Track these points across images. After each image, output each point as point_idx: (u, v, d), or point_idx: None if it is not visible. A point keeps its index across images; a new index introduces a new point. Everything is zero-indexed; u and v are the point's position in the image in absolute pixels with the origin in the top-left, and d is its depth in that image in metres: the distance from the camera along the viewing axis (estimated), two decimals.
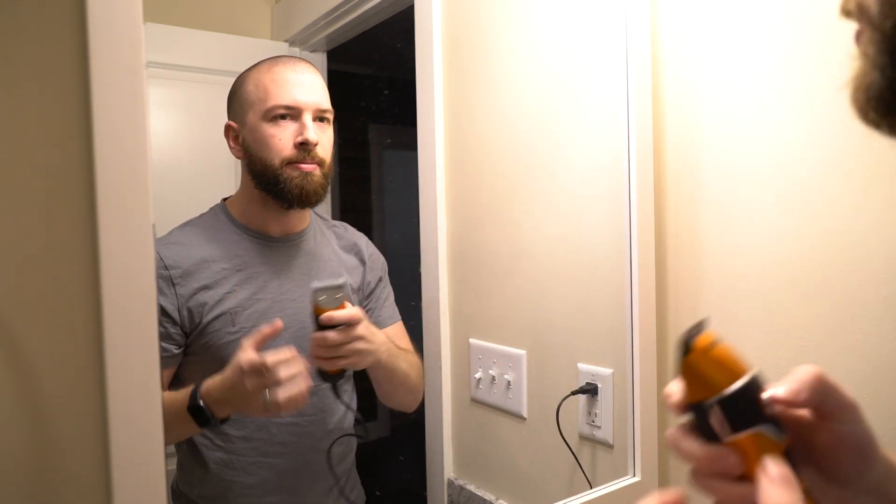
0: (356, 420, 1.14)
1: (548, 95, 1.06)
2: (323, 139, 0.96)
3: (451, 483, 1.21)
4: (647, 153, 0.93)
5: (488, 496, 1.15)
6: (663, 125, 0.96)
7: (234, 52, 1.55)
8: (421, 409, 1.25)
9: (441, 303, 1.20)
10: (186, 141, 1.48)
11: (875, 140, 0.76)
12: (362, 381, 1.16)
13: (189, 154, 1.47)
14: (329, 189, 0.99)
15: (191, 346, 0.94)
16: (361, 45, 1.69)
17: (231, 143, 0.98)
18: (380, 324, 1.09)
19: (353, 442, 1.11)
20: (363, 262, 1.10)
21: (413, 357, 1.07)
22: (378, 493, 1.17)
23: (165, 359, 0.91)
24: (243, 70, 1.00)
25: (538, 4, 1.06)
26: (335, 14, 1.46)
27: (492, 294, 1.15)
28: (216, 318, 0.92)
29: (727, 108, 0.88)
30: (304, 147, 0.93)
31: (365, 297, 1.09)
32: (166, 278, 0.91)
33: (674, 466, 0.97)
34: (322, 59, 1.70)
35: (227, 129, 0.98)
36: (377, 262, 1.12)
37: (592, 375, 1.01)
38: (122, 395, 0.45)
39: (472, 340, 1.18)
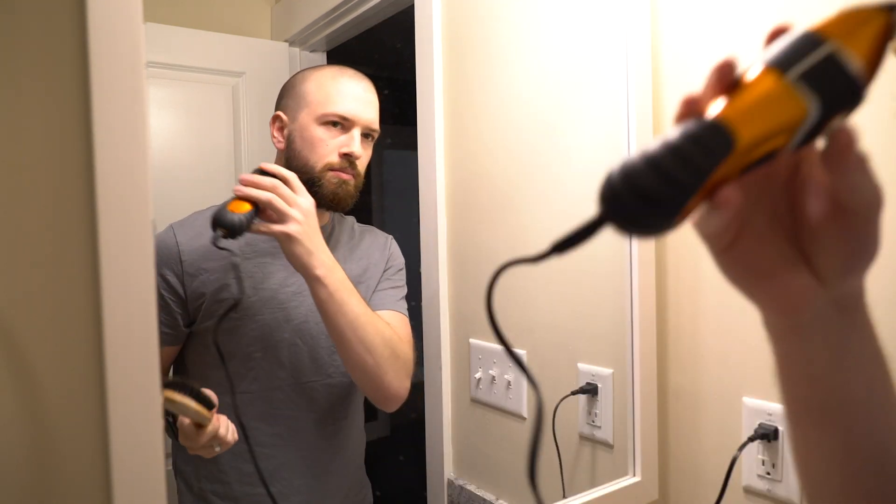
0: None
1: (548, 95, 1.06)
2: (364, 155, 0.99)
3: (451, 483, 1.21)
4: None
5: (488, 496, 1.15)
6: (664, 124, 0.96)
7: (234, 52, 1.56)
8: (421, 409, 1.25)
9: (441, 303, 1.20)
10: (186, 141, 1.48)
11: (875, 140, 0.76)
12: None
13: (189, 154, 1.48)
14: (359, 190, 1.02)
15: (195, 327, 0.95)
16: (361, 45, 1.69)
17: (275, 132, 1.00)
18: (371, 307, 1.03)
19: (361, 440, 1.11)
20: (374, 264, 1.08)
21: (390, 331, 0.94)
22: (378, 493, 1.17)
23: (166, 335, 0.93)
24: (303, 70, 1.04)
25: (538, 4, 1.06)
26: (335, 14, 1.46)
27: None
28: (218, 302, 0.93)
29: None
30: (348, 158, 0.96)
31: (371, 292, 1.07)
32: (176, 255, 0.92)
33: (674, 466, 0.97)
34: (322, 59, 1.70)
35: (275, 118, 1.00)
36: (394, 260, 1.12)
37: (592, 375, 1.01)
38: (122, 395, 0.45)
39: (472, 340, 1.18)
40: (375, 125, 1.00)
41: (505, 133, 1.12)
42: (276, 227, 0.84)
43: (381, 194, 3.43)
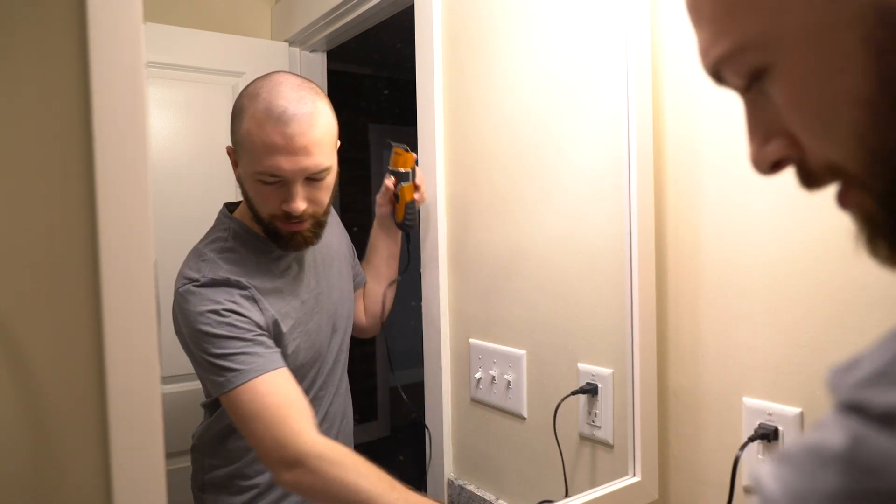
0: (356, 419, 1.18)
1: (548, 95, 1.06)
2: (316, 196, 0.92)
3: (451, 483, 1.21)
4: (647, 153, 0.93)
5: (488, 496, 1.15)
6: (663, 125, 0.96)
7: (234, 52, 1.56)
8: (421, 409, 1.25)
9: (441, 303, 1.20)
10: (186, 141, 1.48)
11: None
12: (361, 381, 1.16)
13: (189, 154, 1.48)
14: (326, 222, 0.99)
15: None
16: (361, 45, 1.69)
17: (232, 164, 0.96)
18: (362, 281, 1.25)
19: (349, 433, 1.13)
20: (343, 228, 1.22)
21: None
22: None
23: (283, 357, 0.92)
24: (248, 76, 1.01)
25: (539, 4, 1.06)
26: (335, 14, 1.46)
27: (492, 294, 1.15)
28: (287, 325, 0.96)
29: (727, 106, 0.88)
30: (289, 214, 0.91)
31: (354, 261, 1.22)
32: (250, 297, 0.92)
33: (674, 466, 0.97)
34: (322, 59, 1.70)
35: (229, 151, 0.96)
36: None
37: (592, 375, 1.01)
38: (122, 395, 0.45)
39: (472, 340, 1.18)
40: (318, 168, 0.90)
41: (505, 133, 1.12)
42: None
43: None
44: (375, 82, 3.33)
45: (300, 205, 0.89)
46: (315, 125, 0.89)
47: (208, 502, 1.00)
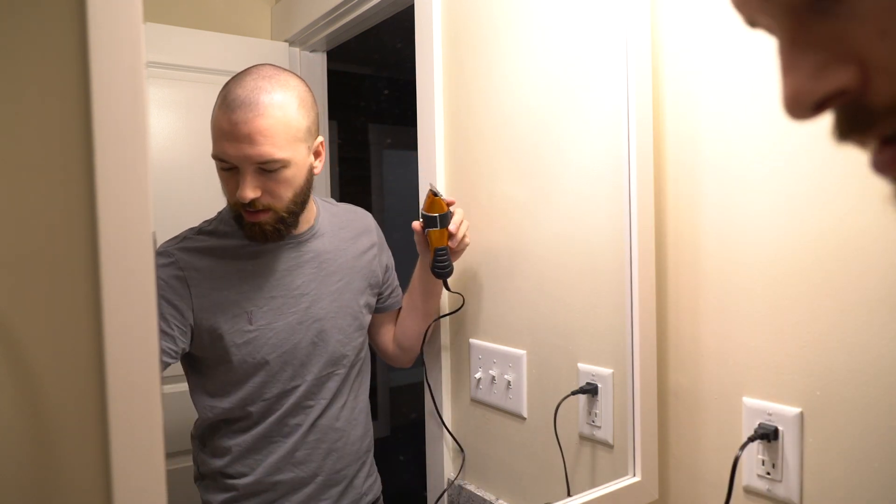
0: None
1: (548, 95, 1.06)
2: (272, 188, 0.91)
3: (451, 483, 1.21)
4: (647, 153, 0.93)
5: (488, 496, 1.15)
6: (663, 124, 0.96)
7: (234, 52, 1.56)
8: (421, 409, 1.25)
9: (441, 302, 1.20)
10: (186, 141, 1.48)
11: None
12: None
13: (189, 154, 1.48)
14: (296, 219, 0.98)
15: (208, 345, 0.95)
16: (361, 45, 1.69)
17: None
18: (395, 305, 1.18)
19: (368, 425, 1.13)
20: (376, 242, 1.16)
21: None
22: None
23: (165, 364, 0.92)
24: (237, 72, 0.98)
25: (539, 4, 1.06)
26: (335, 14, 1.46)
27: (492, 294, 1.15)
28: (234, 317, 0.94)
29: (727, 106, 0.88)
30: (242, 202, 0.90)
31: (385, 280, 1.17)
32: (182, 279, 0.92)
33: (674, 466, 0.97)
34: (322, 59, 1.70)
35: None
36: (385, 242, 1.19)
37: (592, 375, 1.01)
38: (122, 395, 0.45)
39: (472, 340, 1.18)
40: (264, 158, 0.88)
41: (505, 133, 1.12)
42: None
43: (381, 194, 3.44)
44: (375, 82, 3.33)
45: (247, 193, 0.88)
46: (264, 115, 0.88)
47: (202, 495, 1.01)
